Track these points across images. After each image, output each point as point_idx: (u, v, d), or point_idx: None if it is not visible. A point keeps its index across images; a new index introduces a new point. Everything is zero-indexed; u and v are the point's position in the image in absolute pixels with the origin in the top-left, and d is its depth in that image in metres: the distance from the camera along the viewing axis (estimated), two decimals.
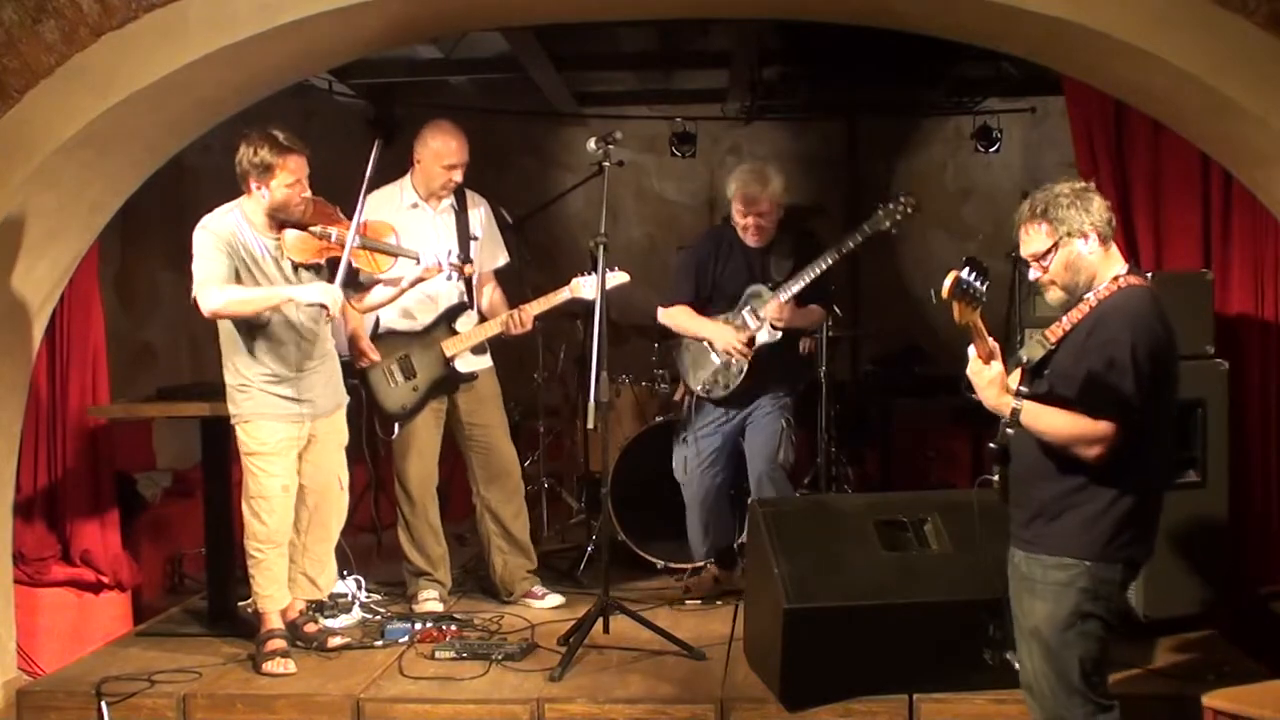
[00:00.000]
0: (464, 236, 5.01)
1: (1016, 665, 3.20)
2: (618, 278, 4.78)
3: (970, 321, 2.92)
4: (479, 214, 5.12)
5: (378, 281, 4.49)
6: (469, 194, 5.09)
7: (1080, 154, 4.89)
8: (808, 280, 4.87)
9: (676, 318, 5.13)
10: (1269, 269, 4.56)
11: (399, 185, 4.99)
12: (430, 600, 5.03)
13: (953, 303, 2.88)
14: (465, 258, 4.98)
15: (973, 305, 2.88)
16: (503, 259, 5.25)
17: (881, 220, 4.86)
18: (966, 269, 2.83)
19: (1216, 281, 4.57)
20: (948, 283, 2.85)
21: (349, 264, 4.27)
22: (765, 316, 4.92)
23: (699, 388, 5.10)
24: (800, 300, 4.97)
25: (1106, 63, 4.28)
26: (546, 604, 5.07)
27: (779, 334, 4.94)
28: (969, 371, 3.04)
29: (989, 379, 3.00)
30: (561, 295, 4.91)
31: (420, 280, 4.52)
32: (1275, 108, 3.92)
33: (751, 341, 4.95)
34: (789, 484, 5.12)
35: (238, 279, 4.24)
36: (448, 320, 4.99)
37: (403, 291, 4.55)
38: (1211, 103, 4.04)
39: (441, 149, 4.88)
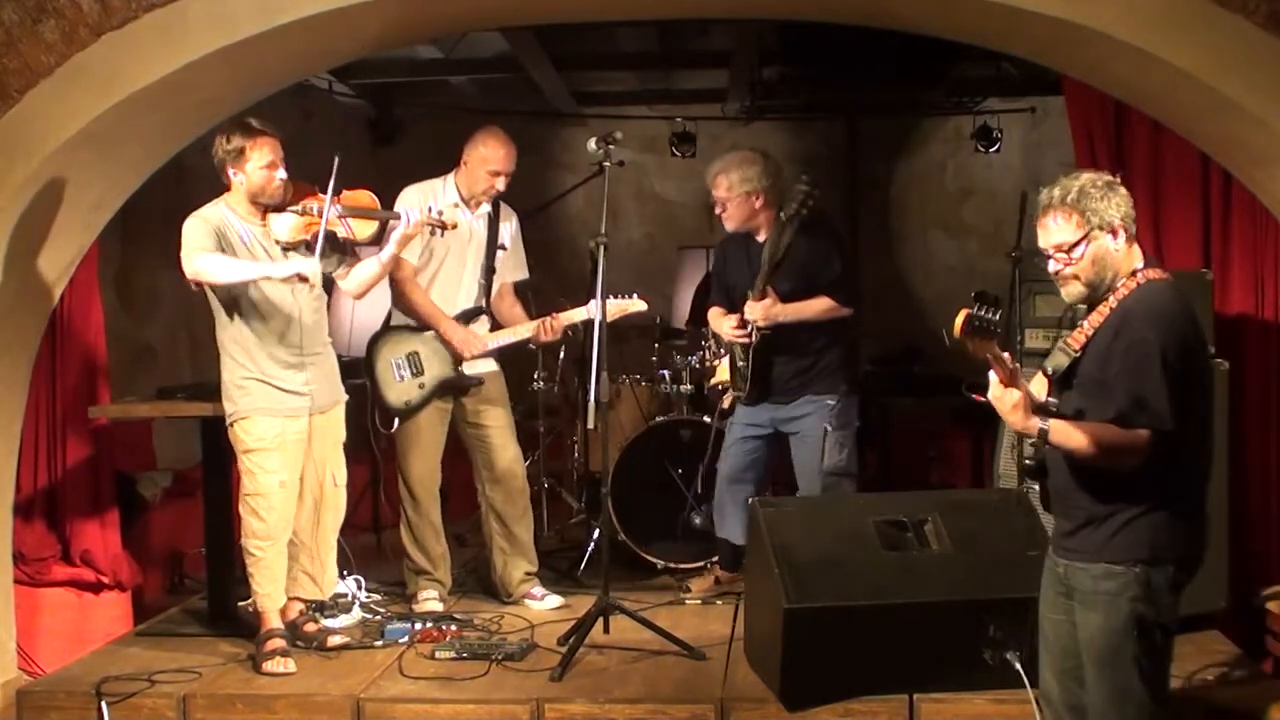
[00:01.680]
0: (492, 244, 5.05)
1: (1017, 665, 3.19)
2: (634, 305, 4.89)
3: (988, 353, 2.80)
4: (510, 226, 5.15)
5: (363, 242, 4.50)
6: (503, 207, 5.13)
7: (1080, 154, 4.89)
8: (766, 274, 4.84)
9: (710, 318, 5.23)
10: (1269, 269, 4.56)
11: (442, 180, 5.01)
12: (430, 600, 5.03)
13: (967, 341, 2.75)
14: (489, 265, 5.03)
15: (990, 338, 2.75)
16: (523, 274, 5.26)
17: (790, 206, 4.80)
18: (977, 305, 2.72)
19: (1216, 281, 4.57)
20: (959, 322, 2.72)
21: (329, 232, 4.29)
22: (748, 316, 4.91)
23: (732, 388, 5.11)
24: (790, 295, 4.89)
25: (1106, 63, 4.28)
26: (545, 605, 5.06)
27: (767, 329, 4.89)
28: (990, 397, 2.90)
29: (1012, 404, 2.85)
30: (580, 313, 4.92)
31: (407, 239, 4.47)
32: (1275, 108, 3.92)
33: (744, 324, 4.92)
34: (846, 487, 4.97)
35: None
36: (462, 324, 5.00)
37: (393, 258, 4.51)
38: (1211, 103, 4.04)
39: (489, 155, 4.89)
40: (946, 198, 8.64)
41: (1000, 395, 2.87)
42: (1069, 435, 2.84)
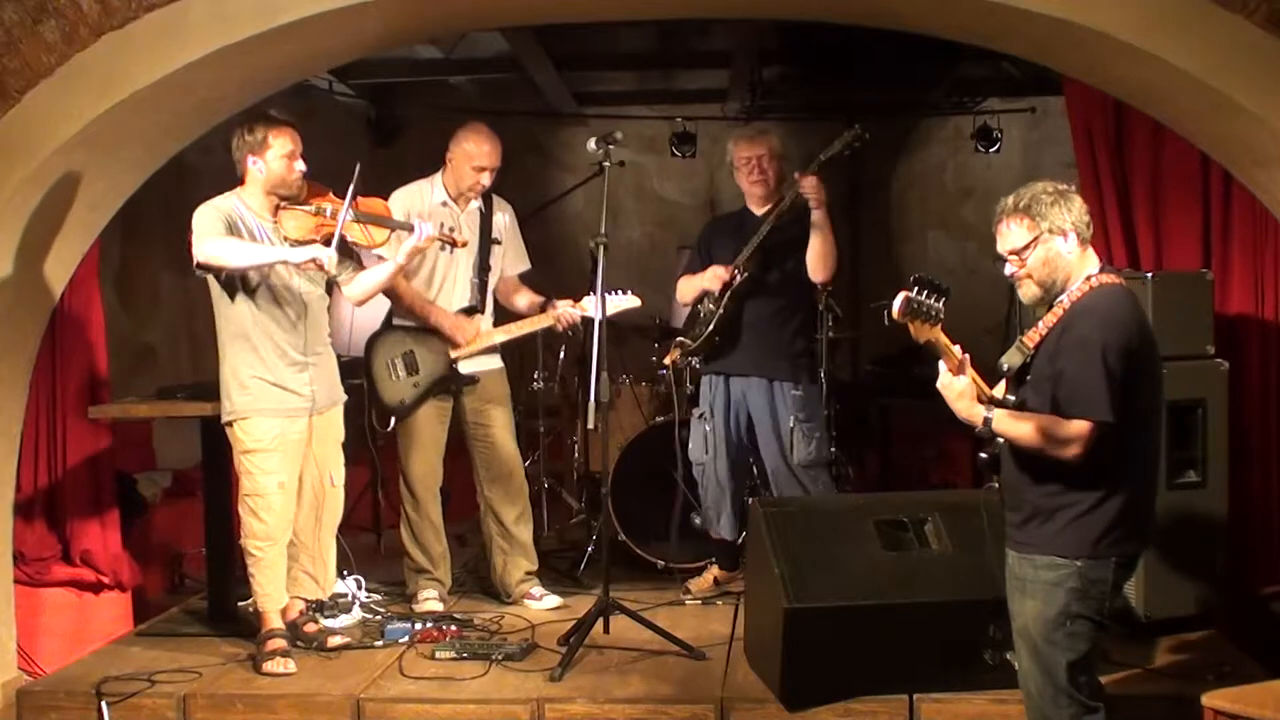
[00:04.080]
0: (486, 239, 5.04)
1: (1016, 665, 3.20)
2: (628, 301, 4.86)
3: (932, 338, 2.99)
4: (503, 219, 5.14)
5: (376, 246, 4.51)
6: (496, 199, 5.12)
7: (1080, 154, 4.90)
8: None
9: (680, 288, 5.20)
10: (1269, 269, 4.56)
11: (430, 181, 5.01)
12: (430, 600, 5.03)
13: (907, 323, 2.94)
14: (484, 262, 5.03)
15: (930, 323, 2.94)
16: (525, 265, 5.25)
17: (835, 147, 4.84)
18: (916, 288, 2.91)
19: (1216, 281, 4.57)
20: (898, 304, 2.91)
21: (342, 235, 4.30)
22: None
23: (686, 342, 5.09)
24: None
25: (1106, 63, 4.28)
26: (544, 605, 5.06)
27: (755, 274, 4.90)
28: (939, 385, 3.09)
29: (959, 391, 3.07)
30: (588, 307, 4.90)
31: (416, 251, 4.49)
32: (1275, 108, 3.92)
33: (732, 278, 4.91)
34: (824, 477, 5.04)
35: None
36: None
37: (400, 269, 4.53)
38: (1211, 103, 4.04)
39: (473, 150, 4.89)
40: (946, 198, 8.64)
41: (948, 383, 3.08)
42: (1012, 424, 3.03)
